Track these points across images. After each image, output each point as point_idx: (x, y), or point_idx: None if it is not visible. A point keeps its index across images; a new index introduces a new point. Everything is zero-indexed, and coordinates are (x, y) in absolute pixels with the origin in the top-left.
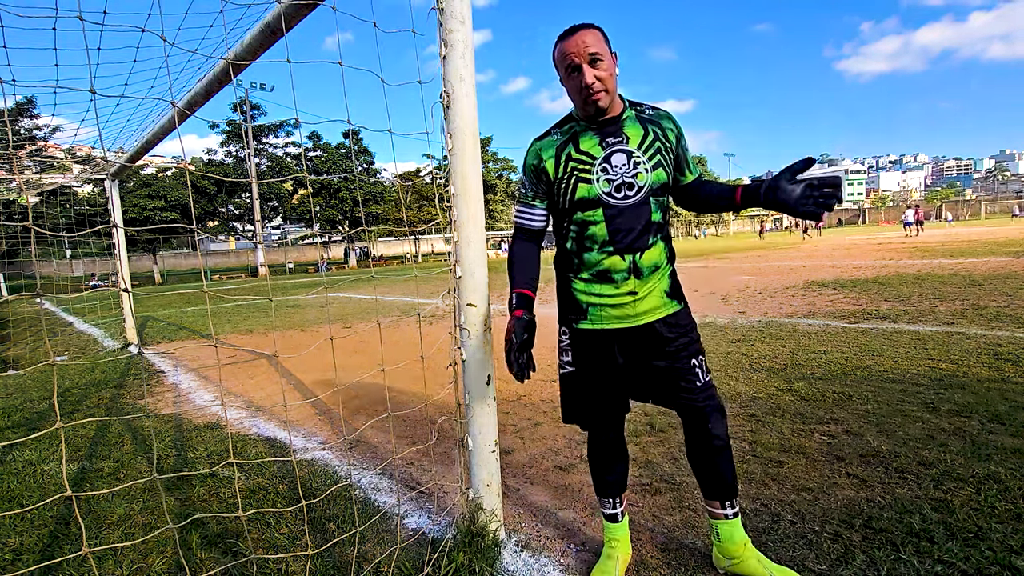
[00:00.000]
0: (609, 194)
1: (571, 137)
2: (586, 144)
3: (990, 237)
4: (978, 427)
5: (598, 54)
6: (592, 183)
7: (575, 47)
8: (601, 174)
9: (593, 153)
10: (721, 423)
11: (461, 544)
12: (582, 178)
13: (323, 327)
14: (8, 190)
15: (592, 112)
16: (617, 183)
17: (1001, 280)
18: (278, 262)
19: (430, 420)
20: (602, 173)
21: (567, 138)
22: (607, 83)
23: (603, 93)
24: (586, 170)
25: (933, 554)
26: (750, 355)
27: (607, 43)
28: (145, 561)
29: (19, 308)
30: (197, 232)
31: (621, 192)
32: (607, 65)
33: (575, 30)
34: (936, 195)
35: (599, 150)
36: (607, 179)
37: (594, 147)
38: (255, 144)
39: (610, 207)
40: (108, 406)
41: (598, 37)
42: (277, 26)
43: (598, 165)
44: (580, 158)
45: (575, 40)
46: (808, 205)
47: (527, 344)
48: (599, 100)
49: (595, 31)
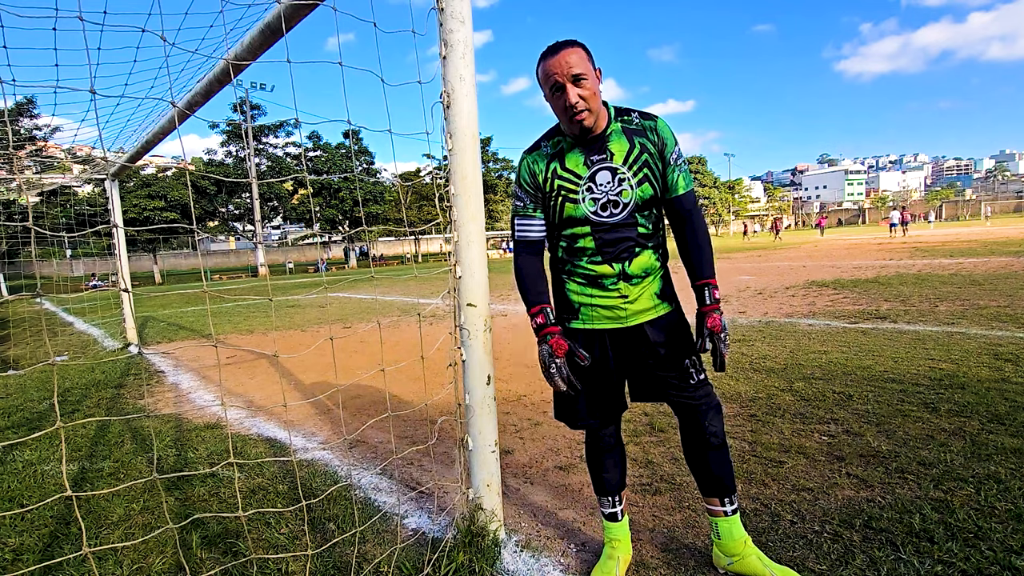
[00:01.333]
0: (595, 212)
1: (558, 153)
2: (571, 162)
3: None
4: (978, 427)
5: (582, 73)
6: (579, 203)
7: (558, 67)
8: (587, 194)
9: (579, 172)
10: (717, 420)
11: (461, 544)
12: (569, 198)
13: (323, 327)
14: (8, 190)
15: (577, 131)
16: (603, 202)
17: (1001, 280)
18: (278, 262)
19: (430, 420)
20: (587, 193)
21: (555, 152)
22: (590, 102)
23: (586, 112)
24: (572, 190)
25: (933, 554)
26: (750, 355)
27: (591, 61)
28: (145, 561)
29: (19, 308)
30: (197, 232)
31: (607, 210)
32: (590, 84)
33: (558, 48)
34: (936, 195)
35: (584, 169)
36: (592, 198)
37: (579, 165)
38: (255, 144)
39: (597, 225)
40: (108, 406)
41: (581, 56)
42: (277, 26)
43: (583, 185)
44: (566, 176)
45: (558, 60)
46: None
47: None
48: (583, 120)
49: (578, 49)
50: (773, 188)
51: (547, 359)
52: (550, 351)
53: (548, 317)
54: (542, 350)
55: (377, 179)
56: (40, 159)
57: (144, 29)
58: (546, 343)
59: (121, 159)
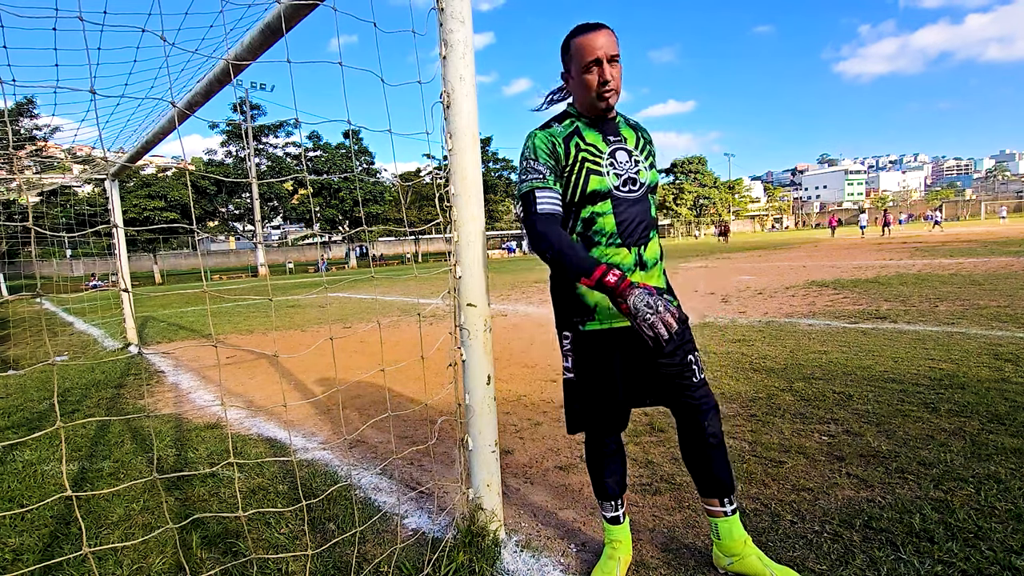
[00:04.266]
0: (618, 188)
1: (575, 131)
2: (591, 137)
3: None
4: (978, 427)
5: (616, 55)
6: (604, 175)
7: (600, 43)
8: (610, 168)
9: (599, 147)
10: (716, 420)
11: (461, 544)
12: (594, 170)
13: (323, 327)
14: (8, 190)
15: (602, 109)
16: (624, 177)
17: (1001, 280)
18: (278, 262)
19: (430, 420)
20: (610, 167)
21: (571, 130)
22: (618, 84)
23: (615, 93)
24: (596, 161)
25: (933, 554)
26: (750, 355)
27: None
28: (145, 561)
29: (19, 308)
30: (197, 232)
31: (627, 187)
32: (619, 68)
33: (597, 27)
34: (936, 195)
35: (604, 145)
36: (616, 173)
37: (599, 141)
38: (255, 144)
39: (618, 200)
40: (108, 406)
41: (615, 39)
42: (277, 26)
43: (606, 159)
44: (589, 148)
45: (600, 36)
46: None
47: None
48: (610, 98)
49: (612, 33)
50: (773, 188)
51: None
52: (648, 292)
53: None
54: (636, 295)
55: (377, 179)
56: (40, 159)
57: (144, 29)
58: (638, 287)
59: (121, 159)
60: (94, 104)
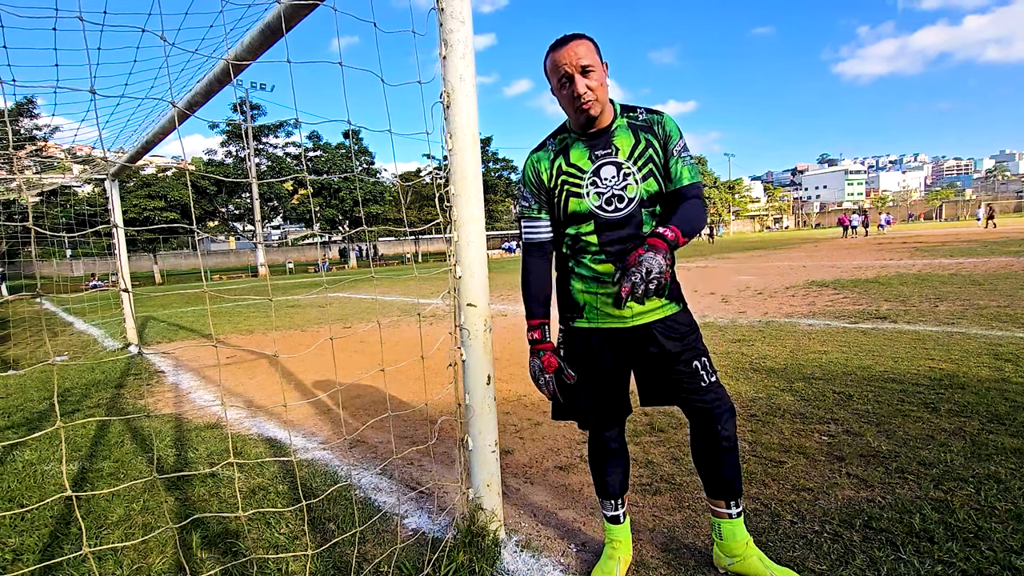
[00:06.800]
0: (600, 207)
1: (563, 149)
2: (575, 156)
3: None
4: (978, 427)
5: (589, 65)
6: (582, 197)
7: (567, 58)
8: (591, 188)
9: (582, 166)
10: (730, 423)
11: (461, 544)
12: (573, 192)
13: (323, 327)
14: (8, 190)
15: (583, 121)
16: (607, 196)
17: (1001, 280)
18: (278, 262)
19: (430, 420)
20: (591, 187)
21: (560, 149)
22: (598, 93)
23: (594, 102)
24: (575, 184)
25: (933, 554)
26: (750, 355)
27: (598, 53)
28: (145, 561)
29: (19, 308)
30: (197, 232)
31: (612, 205)
32: (598, 75)
33: (566, 40)
34: (936, 195)
35: (588, 163)
36: (597, 192)
37: (583, 160)
38: (255, 144)
39: (601, 220)
40: (108, 406)
41: (589, 48)
42: (277, 26)
43: (587, 179)
44: (569, 171)
45: (567, 51)
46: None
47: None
48: (590, 109)
49: (586, 42)
50: (773, 188)
51: (537, 372)
52: (540, 366)
53: (544, 334)
54: (533, 363)
55: (377, 179)
56: (40, 159)
57: (144, 29)
58: (538, 357)
59: (121, 159)
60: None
